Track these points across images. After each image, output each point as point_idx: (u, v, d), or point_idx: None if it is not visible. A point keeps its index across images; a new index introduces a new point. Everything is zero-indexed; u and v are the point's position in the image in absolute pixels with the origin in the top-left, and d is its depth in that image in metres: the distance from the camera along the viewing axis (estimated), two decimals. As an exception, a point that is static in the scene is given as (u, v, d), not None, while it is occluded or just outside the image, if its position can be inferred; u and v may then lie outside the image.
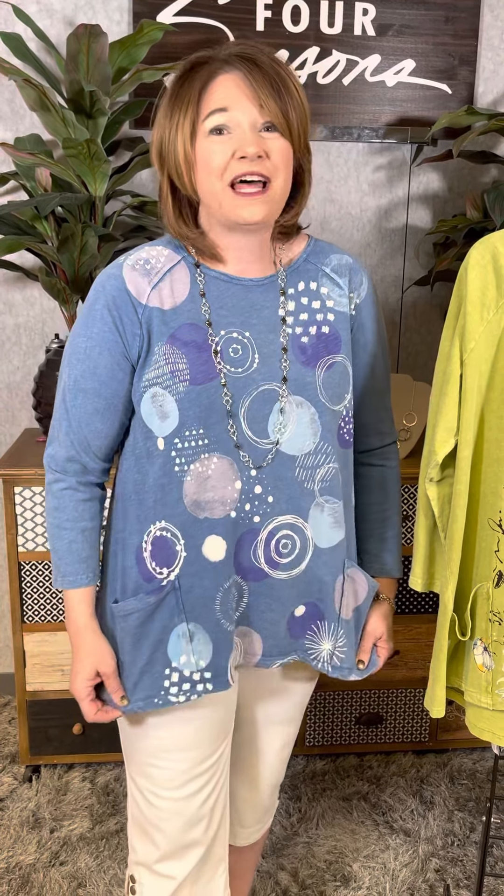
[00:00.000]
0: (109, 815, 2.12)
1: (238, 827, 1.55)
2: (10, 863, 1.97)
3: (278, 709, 1.44)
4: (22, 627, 2.13)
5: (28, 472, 2.05)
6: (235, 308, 1.24)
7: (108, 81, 2.06)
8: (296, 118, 1.18)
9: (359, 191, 2.44)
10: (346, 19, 2.29)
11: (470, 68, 2.37)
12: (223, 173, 1.16)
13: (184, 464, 1.21)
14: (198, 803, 1.31)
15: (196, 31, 2.26)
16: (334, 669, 1.33)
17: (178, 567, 1.24)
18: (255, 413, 1.22)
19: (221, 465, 1.22)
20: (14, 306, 2.42)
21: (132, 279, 1.21)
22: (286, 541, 1.26)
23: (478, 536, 1.31)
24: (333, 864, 1.99)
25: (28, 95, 2.02)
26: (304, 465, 1.25)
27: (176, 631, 1.25)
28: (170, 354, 1.20)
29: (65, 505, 1.28)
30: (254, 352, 1.23)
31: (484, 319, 1.23)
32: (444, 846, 2.05)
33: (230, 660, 1.26)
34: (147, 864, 1.35)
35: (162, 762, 1.30)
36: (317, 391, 1.25)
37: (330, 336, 1.28)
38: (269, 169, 1.17)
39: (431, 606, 2.23)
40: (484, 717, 1.33)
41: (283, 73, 1.18)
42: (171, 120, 1.19)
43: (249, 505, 1.23)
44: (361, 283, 1.32)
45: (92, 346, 1.22)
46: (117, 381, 1.23)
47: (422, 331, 2.55)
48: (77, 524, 1.28)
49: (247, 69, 1.16)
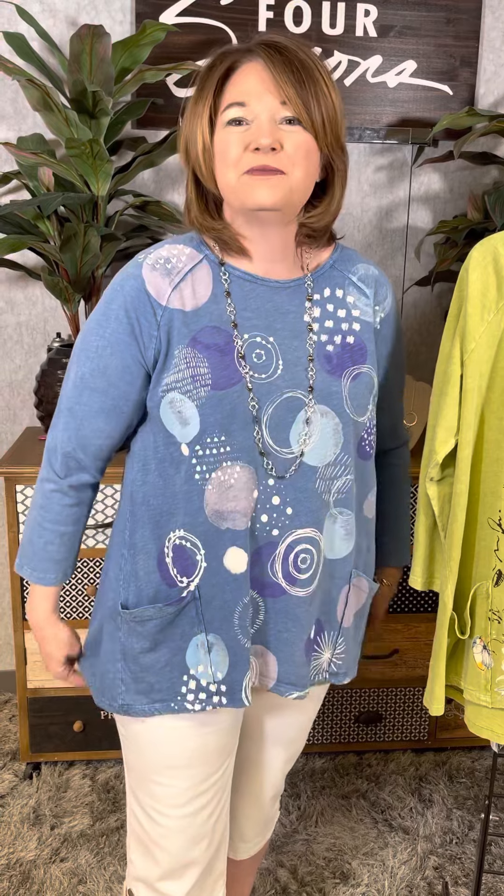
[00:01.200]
0: (110, 812, 2.13)
1: (239, 842, 1.53)
2: (10, 859, 1.98)
3: (285, 728, 1.42)
4: (23, 625, 2.14)
5: (29, 471, 2.05)
6: (260, 311, 1.19)
7: (111, 81, 2.06)
8: (320, 111, 1.11)
9: (360, 191, 2.45)
10: (347, 20, 2.30)
11: (471, 70, 2.38)
12: (237, 164, 1.12)
13: (205, 472, 1.17)
14: (201, 821, 1.28)
15: (198, 32, 2.27)
16: (331, 676, 1.31)
17: (198, 577, 1.19)
18: (278, 421, 1.17)
19: (244, 473, 1.17)
20: (16, 305, 2.43)
21: (152, 280, 1.16)
22: (305, 555, 1.21)
23: (477, 535, 1.32)
24: (332, 862, 2.00)
25: (31, 95, 2.03)
26: (324, 476, 1.21)
27: (195, 640, 1.21)
28: (191, 358, 1.16)
29: (50, 506, 1.25)
30: (278, 357, 1.18)
31: (484, 320, 1.24)
32: (443, 844, 2.06)
33: (246, 678, 1.22)
34: (147, 882, 1.32)
35: (166, 779, 1.26)
36: (343, 401, 1.21)
37: (356, 346, 1.23)
38: (284, 162, 1.11)
39: (431, 605, 2.24)
40: (483, 715, 1.33)
41: (309, 62, 1.12)
42: (193, 112, 1.16)
43: (267, 516, 1.18)
44: (386, 297, 1.29)
45: (104, 345, 1.18)
46: (126, 383, 1.19)
47: (422, 331, 2.55)
48: (57, 528, 1.25)
49: (269, 56, 1.10)
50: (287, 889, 1.92)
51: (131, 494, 1.24)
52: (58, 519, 1.25)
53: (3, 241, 2.06)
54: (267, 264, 1.21)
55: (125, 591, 1.25)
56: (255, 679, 1.26)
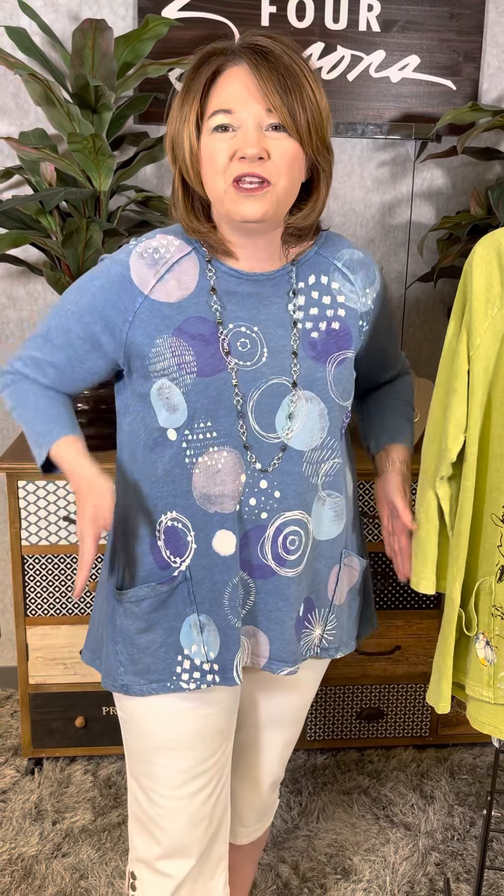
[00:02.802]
0: (111, 808, 2.13)
1: (239, 826, 1.55)
2: (12, 854, 1.98)
3: (282, 710, 1.44)
4: (25, 621, 2.14)
5: (31, 467, 2.05)
6: (244, 302, 1.22)
7: (114, 76, 2.06)
8: (305, 117, 1.13)
9: (363, 187, 2.45)
10: (351, 15, 2.29)
11: (474, 65, 2.37)
12: (224, 172, 1.14)
13: (193, 456, 1.21)
14: (199, 803, 1.31)
15: (201, 27, 2.26)
16: (322, 651, 1.34)
17: (189, 558, 1.24)
18: (264, 408, 1.21)
19: (231, 458, 1.21)
20: (18, 301, 2.43)
21: (137, 269, 1.21)
22: (293, 537, 1.25)
23: (481, 532, 1.31)
24: (334, 858, 2.00)
25: (33, 90, 2.03)
26: (310, 460, 1.25)
27: (188, 620, 1.25)
28: (176, 347, 1.20)
29: (24, 393, 1.28)
30: (263, 346, 1.22)
31: (489, 316, 1.24)
32: (445, 840, 2.06)
33: (237, 657, 1.26)
34: (147, 862, 1.34)
35: (164, 760, 1.29)
36: (328, 387, 1.24)
37: (340, 332, 1.26)
38: (270, 171, 1.13)
39: (432, 602, 2.23)
40: (485, 711, 1.33)
41: (296, 66, 1.13)
42: (181, 113, 1.17)
43: (255, 500, 1.22)
44: (375, 276, 1.31)
45: (73, 310, 1.24)
46: (84, 350, 1.24)
47: (425, 327, 2.55)
48: (40, 401, 1.27)
49: (255, 62, 1.12)
50: (288, 885, 1.92)
51: (123, 482, 1.29)
52: (37, 390, 1.28)
53: (4, 236, 2.06)
54: (253, 262, 1.24)
55: (119, 575, 1.30)
56: (248, 659, 1.29)
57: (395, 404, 1.45)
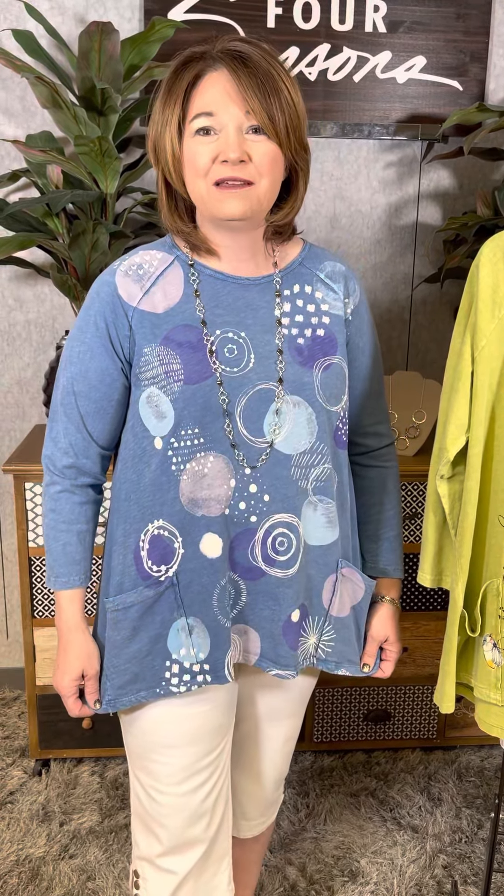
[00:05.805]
0: (118, 809, 2.13)
1: (241, 819, 1.56)
2: (19, 856, 1.98)
3: (279, 703, 1.45)
4: (32, 622, 2.14)
5: (38, 468, 2.05)
6: (231, 307, 1.25)
7: (120, 79, 2.06)
8: (284, 119, 1.17)
9: (369, 188, 2.44)
10: (357, 16, 2.29)
11: (481, 65, 2.37)
12: (206, 174, 1.17)
13: (180, 463, 1.23)
14: (199, 799, 1.32)
15: (207, 29, 2.26)
16: (319, 662, 1.35)
17: (176, 564, 1.25)
18: (251, 412, 1.23)
19: (217, 463, 1.23)
20: (25, 303, 2.43)
21: (124, 285, 1.24)
22: (282, 538, 1.26)
23: (487, 533, 1.31)
24: (341, 860, 2.00)
25: (40, 93, 2.03)
26: (299, 464, 1.26)
27: (175, 625, 1.26)
28: (164, 355, 1.22)
29: (61, 507, 1.30)
30: (249, 352, 1.24)
31: (495, 317, 1.23)
32: (452, 843, 2.06)
33: (227, 655, 1.27)
34: (150, 859, 1.36)
35: (163, 757, 1.31)
36: (315, 391, 1.26)
37: (326, 338, 1.29)
38: (252, 173, 1.17)
39: (440, 603, 2.23)
40: (493, 713, 1.33)
41: (273, 71, 1.17)
42: (162, 116, 1.21)
43: (245, 503, 1.24)
44: (355, 289, 1.34)
45: (84, 350, 1.25)
46: (106, 385, 1.25)
47: (431, 328, 2.54)
48: (72, 527, 1.30)
49: (234, 68, 1.16)
50: (296, 887, 1.91)
51: (116, 492, 1.31)
52: (70, 518, 1.30)
53: (11, 238, 2.06)
54: (235, 263, 1.26)
55: (106, 585, 1.32)
56: (239, 656, 1.31)
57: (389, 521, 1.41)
